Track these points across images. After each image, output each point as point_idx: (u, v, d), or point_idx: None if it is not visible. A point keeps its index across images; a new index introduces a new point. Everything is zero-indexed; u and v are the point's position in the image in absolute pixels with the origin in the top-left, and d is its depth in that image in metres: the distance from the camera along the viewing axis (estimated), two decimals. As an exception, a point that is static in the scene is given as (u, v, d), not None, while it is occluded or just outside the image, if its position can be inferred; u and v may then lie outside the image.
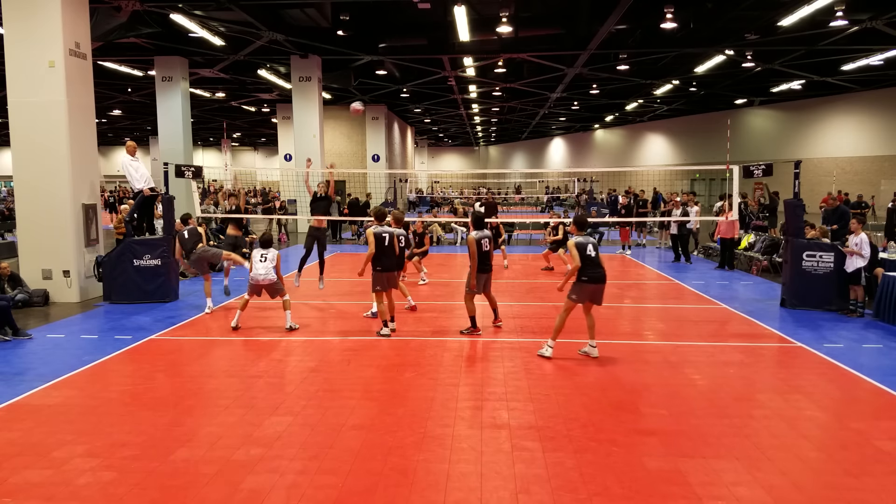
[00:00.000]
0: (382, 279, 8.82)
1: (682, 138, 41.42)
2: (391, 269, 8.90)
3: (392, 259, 8.92)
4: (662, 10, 16.37)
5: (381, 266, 8.81)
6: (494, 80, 27.99)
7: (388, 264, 8.84)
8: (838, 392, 6.68)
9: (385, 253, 8.85)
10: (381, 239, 8.84)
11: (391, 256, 8.91)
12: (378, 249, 8.80)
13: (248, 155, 65.63)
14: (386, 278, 8.85)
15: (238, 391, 6.61)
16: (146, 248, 11.26)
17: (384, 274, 8.82)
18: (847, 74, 25.75)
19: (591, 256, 7.68)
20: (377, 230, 8.90)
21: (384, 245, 8.86)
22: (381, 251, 8.83)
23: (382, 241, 8.84)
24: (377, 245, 8.80)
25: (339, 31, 20.28)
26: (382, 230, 8.91)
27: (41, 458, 5.06)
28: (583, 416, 5.91)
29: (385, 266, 8.83)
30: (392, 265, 8.91)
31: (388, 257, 8.86)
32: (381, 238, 8.84)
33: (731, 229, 14.61)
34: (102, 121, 41.87)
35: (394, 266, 8.97)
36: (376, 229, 8.91)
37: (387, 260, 8.85)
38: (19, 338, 8.67)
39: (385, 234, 8.89)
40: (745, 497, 4.46)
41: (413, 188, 48.54)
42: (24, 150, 11.28)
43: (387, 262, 8.84)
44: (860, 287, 10.09)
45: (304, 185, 12.32)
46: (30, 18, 11.05)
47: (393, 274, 8.96)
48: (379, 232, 8.86)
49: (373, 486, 4.61)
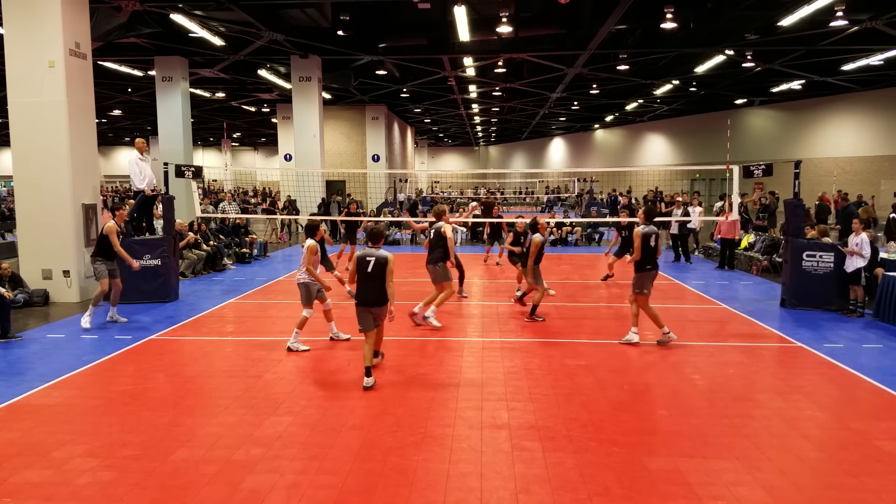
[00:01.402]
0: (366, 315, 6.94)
1: (682, 138, 41.41)
2: (368, 304, 6.87)
3: (374, 291, 6.84)
4: (662, 10, 16.37)
5: (357, 298, 6.94)
6: (494, 80, 27.98)
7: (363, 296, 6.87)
8: (838, 392, 6.68)
9: (365, 278, 6.86)
10: (363, 264, 6.85)
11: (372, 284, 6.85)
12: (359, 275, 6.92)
13: (248, 155, 65.62)
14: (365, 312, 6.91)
15: (238, 391, 6.61)
16: (146, 248, 11.26)
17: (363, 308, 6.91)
18: (847, 74, 25.74)
19: (652, 247, 8.43)
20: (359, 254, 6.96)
21: (365, 271, 6.85)
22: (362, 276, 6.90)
23: (363, 266, 6.85)
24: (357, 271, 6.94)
25: (339, 31, 20.28)
26: (365, 254, 6.90)
27: (41, 458, 5.06)
28: (583, 416, 5.91)
29: (361, 300, 6.90)
30: (372, 298, 6.84)
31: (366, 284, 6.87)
32: (360, 262, 6.89)
33: (731, 229, 14.62)
34: (102, 121, 41.86)
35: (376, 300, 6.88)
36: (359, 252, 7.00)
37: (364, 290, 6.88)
38: (8, 339, 8.62)
39: (369, 258, 6.83)
40: (745, 497, 4.46)
41: (413, 188, 48.57)
42: (25, 150, 11.29)
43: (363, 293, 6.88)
44: (860, 287, 10.09)
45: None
46: (30, 18, 11.06)
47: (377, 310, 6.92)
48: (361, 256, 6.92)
49: (373, 486, 4.61)
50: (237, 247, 16.79)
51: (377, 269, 6.81)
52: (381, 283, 6.83)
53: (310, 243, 8.17)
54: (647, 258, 8.41)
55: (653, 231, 8.54)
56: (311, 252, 8.12)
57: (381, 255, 6.84)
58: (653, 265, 8.47)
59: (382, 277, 6.82)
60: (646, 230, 8.44)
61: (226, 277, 14.19)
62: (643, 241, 8.36)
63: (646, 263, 8.39)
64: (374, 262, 6.81)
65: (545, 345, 8.43)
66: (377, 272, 6.81)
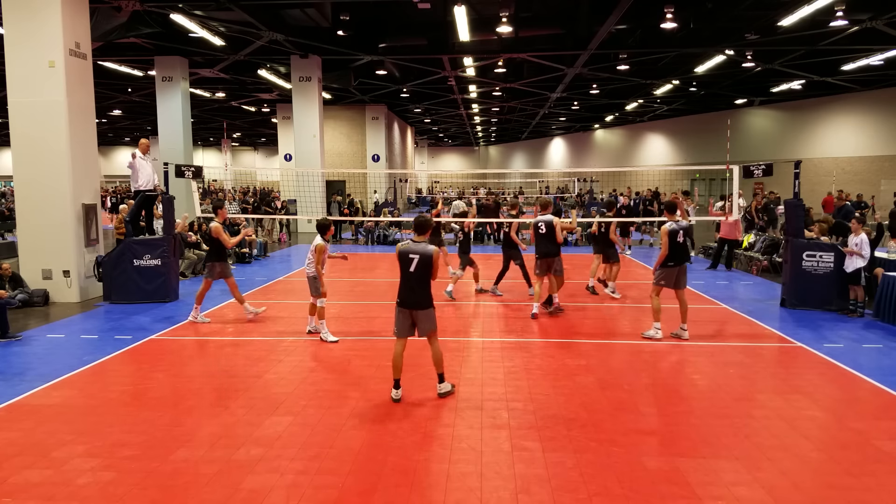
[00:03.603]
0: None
1: (682, 138, 41.39)
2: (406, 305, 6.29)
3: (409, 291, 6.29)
4: (662, 10, 16.37)
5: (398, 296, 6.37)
6: (494, 80, 27.98)
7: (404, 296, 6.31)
8: (838, 392, 6.68)
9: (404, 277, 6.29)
10: (405, 261, 6.24)
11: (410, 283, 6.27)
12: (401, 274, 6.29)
13: (248, 155, 65.62)
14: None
15: (238, 391, 6.61)
16: (146, 248, 11.26)
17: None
18: (847, 74, 25.73)
19: (680, 243, 8.57)
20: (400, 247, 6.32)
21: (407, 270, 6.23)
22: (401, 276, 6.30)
23: (406, 263, 6.24)
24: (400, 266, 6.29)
25: (339, 31, 20.28)
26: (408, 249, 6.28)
27: (41, 458, 5.06)
28: (583, 416, 5.91)
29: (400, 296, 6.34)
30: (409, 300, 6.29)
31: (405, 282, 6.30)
32: (402, 258, 6.28)
33: (732, 230, 14.61)
34: (102, 121, 41.86)
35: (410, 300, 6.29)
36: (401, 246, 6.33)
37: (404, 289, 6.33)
38: (7, 339, 8.63)
39: (412, 254, 6.21)
40: (744, 497, 4.46)
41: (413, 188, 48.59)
42: (25, 150, 11.29)
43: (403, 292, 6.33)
44: (860, 287, 10.09)
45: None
46: (30, 19, 11.05)
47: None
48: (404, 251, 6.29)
49: (373, 486, 4.61)
50: (237, 247, 16.77)
51: (421, 266, 6.11)
52: (425, 283, 6.16)
53: (318, 242, 8.29)
54: (673, 254, 8.55)
55: (681, 227, 8.68)
56: (319, 251, 8.29)
57: (426, 251, 6.14)
58: (675, 261, 8.60)
59: (427, 276, 6.14)
60: (674, 227, 8.58)
61: (226, 277, 14.16)
62: (670, 237, 8.44)
63: (668, 260, 8.54)
64: (417, 259, 6.11)
65: (545, 345, 8.43)
66: (421, 270, 6.12)
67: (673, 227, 8.58)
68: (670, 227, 8.56)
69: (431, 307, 6.27)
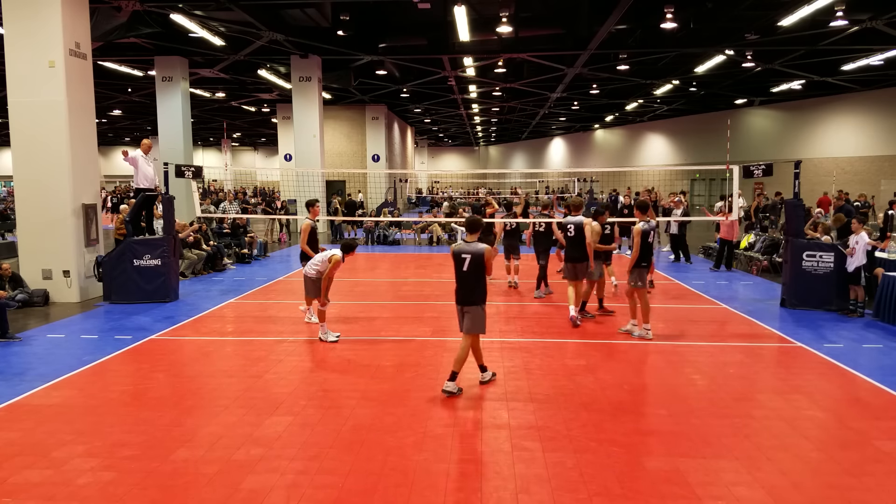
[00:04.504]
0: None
1: (682, 138, 41.39)
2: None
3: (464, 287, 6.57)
4: (662, 10, 16.37)
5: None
6: (494, 80, 27.98)
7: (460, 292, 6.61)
8: (838, 392, 6.68)
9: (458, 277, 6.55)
10: (458, 261, 6.47)
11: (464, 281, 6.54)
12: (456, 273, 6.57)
13: (248, 155, 65.62)
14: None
15: (238, 391, 6.61)
16: (146, 248, 11.26)
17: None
18: (847, 74, 25.72)
19: (650, 243, 8.66)
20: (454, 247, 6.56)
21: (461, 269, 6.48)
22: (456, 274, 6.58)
23: (459, 262, 6.47)
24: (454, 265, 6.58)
25: (339, 31, 20.27)
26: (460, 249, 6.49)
27: (41, 458, 5.06)
28: (583, 416, 5.91)
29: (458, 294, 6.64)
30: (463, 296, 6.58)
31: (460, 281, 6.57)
32: (455, 258, 6.50)
33: (730, 230, 14.60)
34: (102, 121, 41.85)
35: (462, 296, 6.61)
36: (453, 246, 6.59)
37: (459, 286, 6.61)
38: (7, 339, 8.62)
39: (464, 254, 6.43)
40: (744, 497, 4.46)
41: (413, 188, 48.56)
42: (25, 150, 11.28)
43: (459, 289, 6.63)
44: (860, 287, 10.09)
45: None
46: (30, 19, 11.05)
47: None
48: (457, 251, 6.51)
49: (373, 486, 4.61)
50: (237, 247, 16.79)
51: (473, 265, 6.38)
52: (477, 281, 6.42)
53: (336, 257, 8.33)
54: (644, 254, 8.61)
55: (652, 227, 8.72)
56: (334, 264, 8.41)
57: (478, 250, 6.39)
58: (647, 261, 8.68)
59: (480, 274, 6.41)
60: (646, 227, 8.54)
61: (226, 277, 14.19)
62: (643, 237, 8.47)
63: (641, 260, 8.58)
64: (470, 258, 6.37)
65: (545, 345, 8.43)
66: (473, 268, 6.39)
67: (645, 227, 8.64)
68: (643, 227, 8.60)
69: (479, 305, 6.49)
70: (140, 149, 11.87)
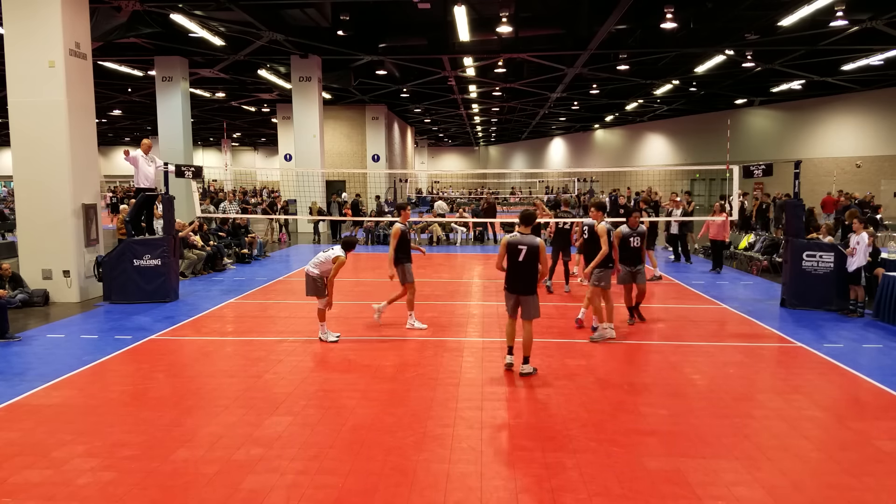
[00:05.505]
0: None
1: (682, 138, 41.39)
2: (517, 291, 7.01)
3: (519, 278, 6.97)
4: (662, 10, 16.38)
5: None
6: (494, 80, 27.98)
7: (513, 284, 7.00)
8: (838, 392, 6.68)
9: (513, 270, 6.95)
10: (514, 251, 6.88)
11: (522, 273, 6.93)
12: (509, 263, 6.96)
13: (248, 155, 65.63)
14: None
15: (238, 391, 6.61)
16: (146, 248, 11.26)
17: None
18: (847, 74, 25.74)
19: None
20: (508, 238, 6.95)
21: (515, 261, 6.88)
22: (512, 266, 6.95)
23: (515, 253, 6.88)
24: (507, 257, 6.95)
25: (339, 31, 20.29)
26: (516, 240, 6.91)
27: (41, 458, 5.06)
28: (583, 416, 5.91)
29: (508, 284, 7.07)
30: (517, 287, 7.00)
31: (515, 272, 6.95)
32: (511, 249, 6.91)
33: (721, 231, 14.46)
34: (102, 121, 41.86)
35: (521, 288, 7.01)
36: (508, 238, 6.96)
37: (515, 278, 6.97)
38: (6, 339, 8.62)
39: (521, 245, 6.86)
40: (744, 497, 4.46)
41: (413, 188, 48.54)
42: (25, 150, 11.28)
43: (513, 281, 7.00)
44: (860, 287, 10.09)
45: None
46: (30, 18, 11.05)
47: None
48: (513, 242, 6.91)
49: (373, 486, 4.61)
50: (237, 247, 16.79)
51: (529, 256, 6.78)
52: (532, 271, 6.81)
53: (341, 256, 8.28)
54: (609, 255, 8.56)
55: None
56: (339, 266, 8.35)
57: (534, 242, 6.76)
58: (612, 263, 8.70)
59: (535, 264, 6.79)
60: (626, 230, 8.65)
61: (226, 277, 14.19)
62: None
63: (609, 261, 8.59)
64: (526, 250, 6.79)
65: (545, 345, 8.42)
66: (529, 258, 6.78)
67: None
68: (607, 227, 8.60)
69: (535, 294, 6.95)
70: (140, 149, 11.87)
